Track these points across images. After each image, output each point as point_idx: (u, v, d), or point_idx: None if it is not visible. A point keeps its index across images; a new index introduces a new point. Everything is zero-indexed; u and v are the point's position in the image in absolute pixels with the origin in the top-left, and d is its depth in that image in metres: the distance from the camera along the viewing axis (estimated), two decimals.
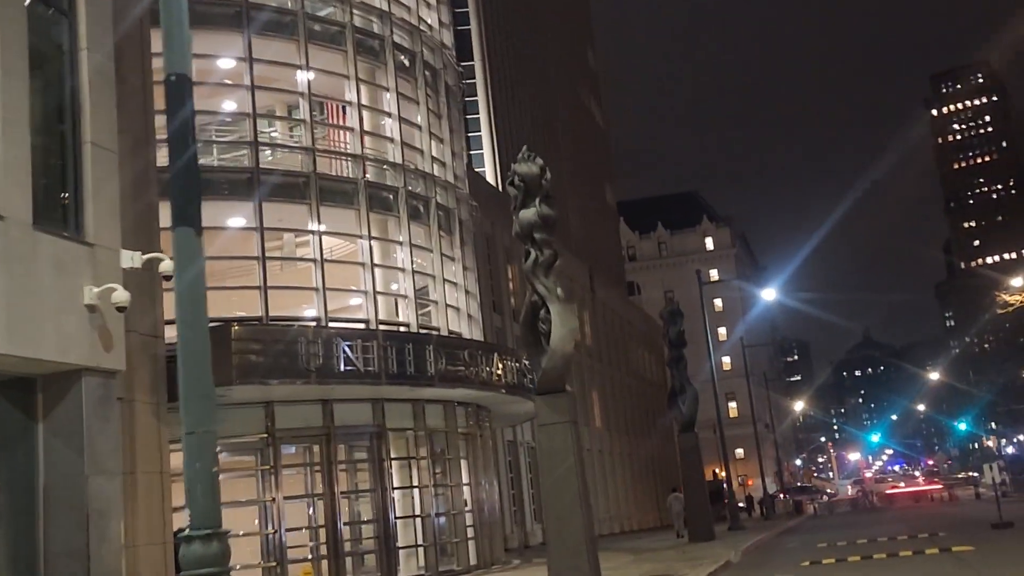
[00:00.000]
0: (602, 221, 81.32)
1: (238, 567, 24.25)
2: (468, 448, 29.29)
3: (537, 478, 48.85)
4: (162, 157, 23.91)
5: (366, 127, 28.42)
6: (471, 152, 54.66)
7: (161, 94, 25.20)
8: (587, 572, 18.49)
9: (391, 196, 27.92)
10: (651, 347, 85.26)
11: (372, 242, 27.38)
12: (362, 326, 25.20)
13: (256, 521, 24.39)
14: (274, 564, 23.50)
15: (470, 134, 54.04)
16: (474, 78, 55.49)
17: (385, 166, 28.22)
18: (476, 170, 53.70)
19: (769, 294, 64.58)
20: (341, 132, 28.24)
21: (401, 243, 27.89)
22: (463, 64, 57.27)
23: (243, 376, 21.37)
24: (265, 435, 23.82)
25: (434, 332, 27.23)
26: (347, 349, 22.81)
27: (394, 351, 23.93)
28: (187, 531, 22.53)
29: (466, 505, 28.51)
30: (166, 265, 16.02)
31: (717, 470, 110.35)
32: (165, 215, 23.48)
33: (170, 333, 22.50)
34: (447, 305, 28.98)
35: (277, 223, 26.47)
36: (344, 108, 27.99)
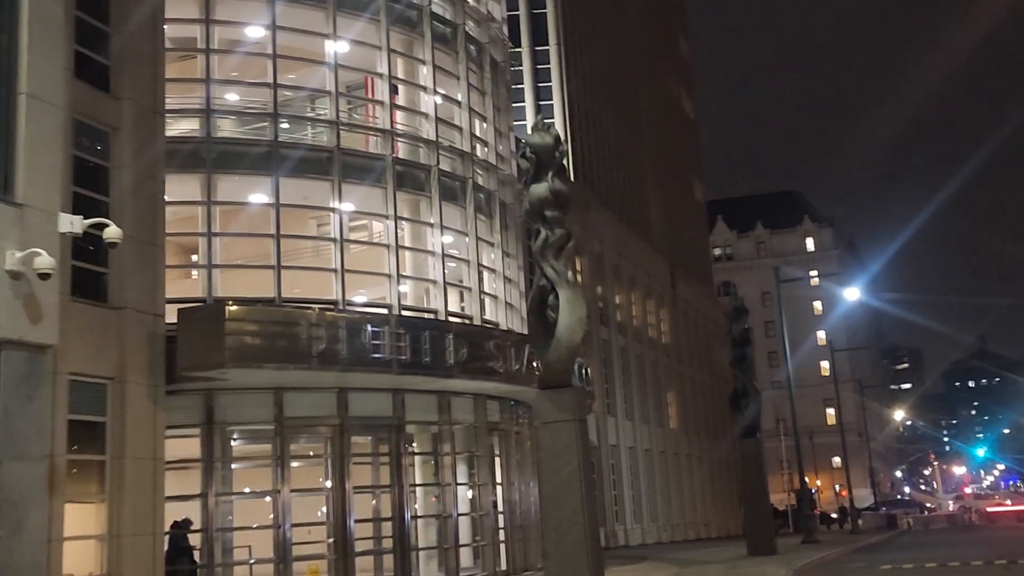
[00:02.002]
0: (688, 217, 78.51)
1: (252, 561, 23.15)
2: (501, 445, 27.50)
3: (600, 479, 46.96)
4: (172, 127, 22.89)
5: (400, 102, 26.88)
6: None
7: (174, 63, 24.25)
8: None
9: (423, 175, 26.30)
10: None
11: (402, 223, 25.88)
12: (377, 311, 23.61)
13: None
14: (276, 560, 22.14)
15: (545, 121, 52.30)
16: (549, 63, 53.60)
17: (419, 143, 26.62)
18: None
19: (852, 294, 61.10)
20: (372, 107, 26.71)
21: (432, 225, 26.24)
22: (539, 48, 55.63)
23: (237, 360, 20.01)
24: (273, 424, 22.46)
25: (457, 320, 25.47)
26: (354, 334, 21.24)
27: (409, 339, 22.28)
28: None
29: (496, 506, 26.73)
30: (112, 231, 14.62)
31: (807, 479, 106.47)
32: (172, 186, 22.58)
33: (171, 312, 21.51)
34: (481, 292, 27.22)
35: (302, 200, 25.14)
36: (374, 81, 26.45)
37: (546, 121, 18.52)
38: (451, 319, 25.50)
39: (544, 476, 17.51)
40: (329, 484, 23.05)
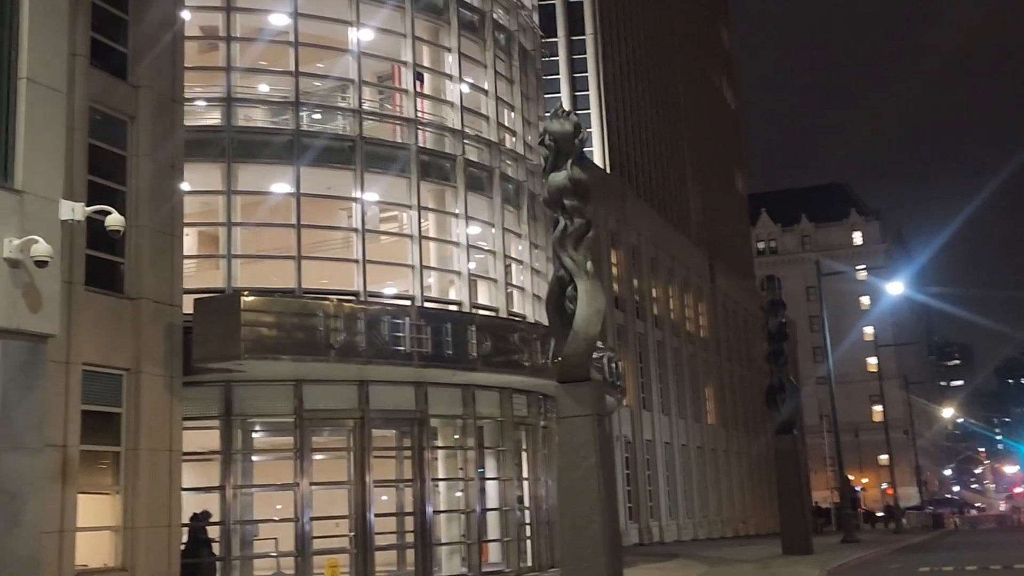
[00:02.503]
0: (729, 209, 77.40)
1: (274, 554, 22.92)
2: (528, 440, 27.02)
3: (635, 475, 46.34)
4: (190, 116, 22.65)
5: (426, 91, 26.50)
6: None
7: (193, 50, 24.01)
8: None
9: (449, 165, 25.88)
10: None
11: (426, 213, 25.51)
12: (398, 303, 23.21)
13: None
14: (295, 554, 21.87)
15: (579, 112, 51.57)
16: (585, 53, 52.94)
17: (444, 132, 26.20)
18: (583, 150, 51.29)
19: (895, 288, 59.76)
20: (398, 96, 26.32)
21: (457, 216, 25.81)
22: (574, 38, 55.00)
23: (252, 351, 19.71)
24: (293, 417, 22.18)
25: (482, 313, 25.01)
26: (373, 326, 20.87)
27: (430, 331, 21.84)
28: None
29: (521, 501, 26.26)
30: (114, 219, 14.34)
31: (852, 477, 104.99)
32: (192, 175, 22.37)
33: (188, 302, 21.30)
34: (508, 284, 26.76)
35: (326, 191, 24.84)
36: (401, 70, 26.06)
37: (564, 109, 17.91)
38: (476, 311, 25.06)
39: (561, 472, 17.07)
40: (349, 478, 22.68)
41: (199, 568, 21.82)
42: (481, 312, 25.14)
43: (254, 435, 23.29)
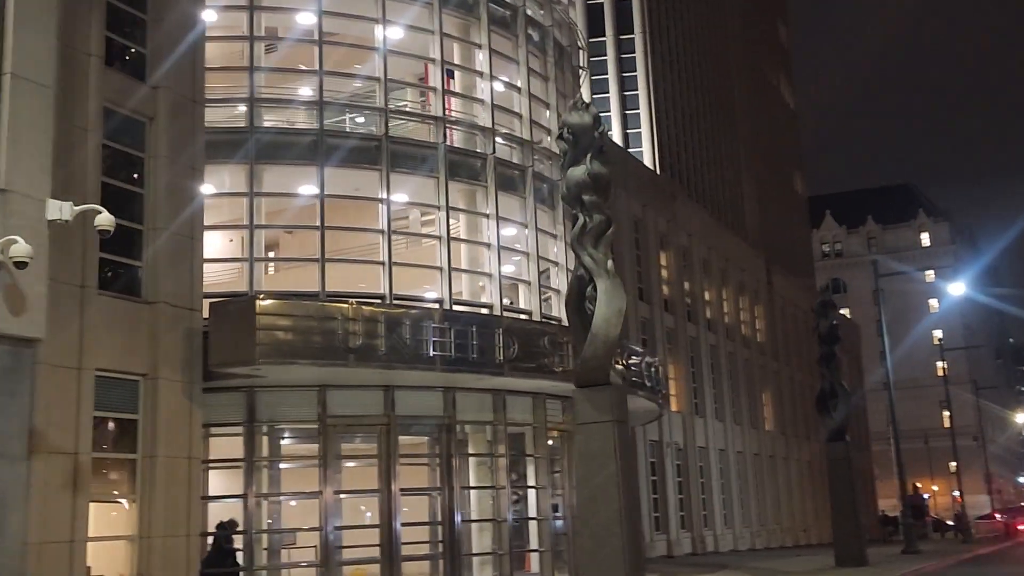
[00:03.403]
0: (788, 210, 75.65)
1: (306, 563, 22.43)
2: (563, 447, 26.19)
3: (687, 483, 45.19)
4: (211, 116, 22.27)
5: (456, 88, 25.88)
6: (627, 131, 51.23)
7: (215, 50, 23.65)
8: None
9: (479, 164, 25.22)
10: (844, 350, 78.88)
11: (455, 214, 24.91)
12: (423, 305, 22.58)
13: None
14: (320, 564, 21.34)
15: (628, 112, 50.64)
16: (634, 52, 51.92)
17: (474, 131, 25.55)
18: (632, 150, 50.28)
19: (957, 289, 57.71)
20: (428, 94, 25.73)
21: (488, 216, 25.13)
22: (623, 37, 54.04)
23: (269, 356, 19.22)
24: (316, 423, 21.66)
25: (510, 316, 24.26)
26: (394, 329, 20.25)
27: (454, 334, 21.16)
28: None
29: (556, 510, 25.43)
30: (103, 219, 13.90)
31: (920, 485, 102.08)
32: (211, 175, 21.99)
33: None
34: (541, 286, 25.99)
35: (354, 192, 24.34)
36: (428, 67, 25.48)
37: (584, 101, 17.12)
38: (506, 314, 24.33)
39: (580, 481, 16.29)
40: (377, 486, 22.08)
41: None
42: (509, 315, 24.38)
43: (279, 442, 22.81)
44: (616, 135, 50.94)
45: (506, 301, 26.76)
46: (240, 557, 21.45)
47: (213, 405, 21.24)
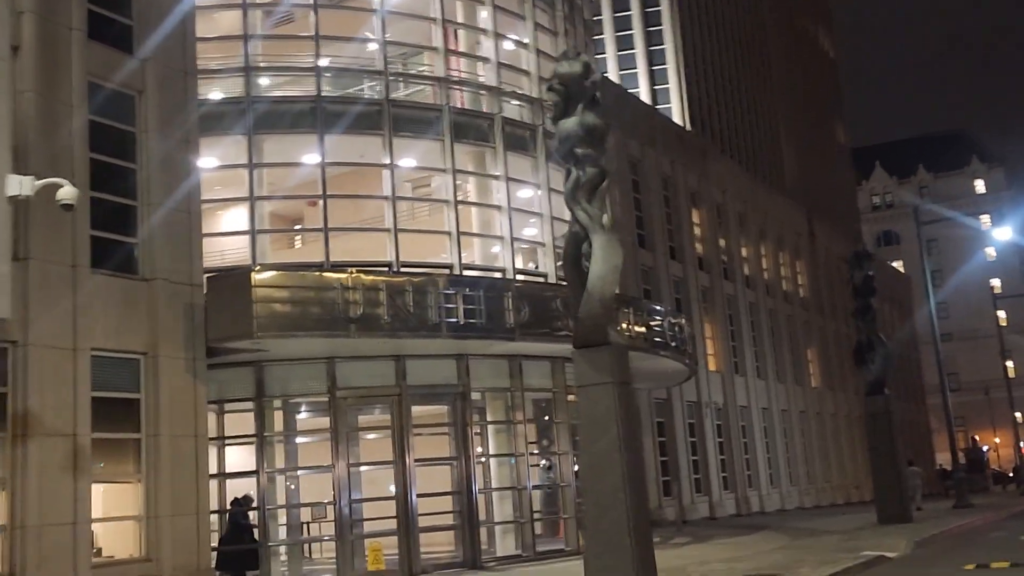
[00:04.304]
0: (830, 162, 73.84)
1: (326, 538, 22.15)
2: None
3: (728, 443, 44.37)
4: (204, 88, 21.81)
5: (461, 48, 25.19)
6: (655, 88, 50.08)
7: (206, 21, 23.12)
8: (630, 575, 14.57)
9: (486, 124, 24.51)
10: (895, 302, 77.20)
11: (463, 177, 24.32)
12: (427, 271, 21.98)
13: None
14: (336, 537, 21.03)
15: (655, 68, 49.43)
16: (659, 5, 50.61)
17: (480, 91, 24.83)
18: (660, 107, 49.18)
19: (1004, 234, 55.80)
20: (429, 56, 25.02)
21: (497, 178, 24.43)
22: None
23: (266, 329, 18.80)
24: (326, 396, 21.27)
25: (522, 279, 23.58)
26: (396, 297, 19.70)
27: (460, 300, 20.57)
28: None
29: (578, 476, 24.81)
30: (66, 192, 13.47)
31: (977, 436, 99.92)
32: (212, 147, 21.56)
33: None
34: (556, 248, 25.27)
35: (359, 158, 23.79)
36: (431, 27, 24.73)
37: (575, 51, 16.34)
38: (519, 278, 23.68)
39: (583, 446, 15.63)
40: (390, 458, 21.67)
41: (237, 555, 21.18)
42: (523, 279, 23.73)
43: (291, 416, 22.48)
44: (643, 92, 49.87)
45: (530, 265, 26.15)
46: (257, 533, 21.23)
47: (223, 381, 21.00)
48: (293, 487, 22.17)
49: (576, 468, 24.73)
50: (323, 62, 23.46)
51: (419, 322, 20.09)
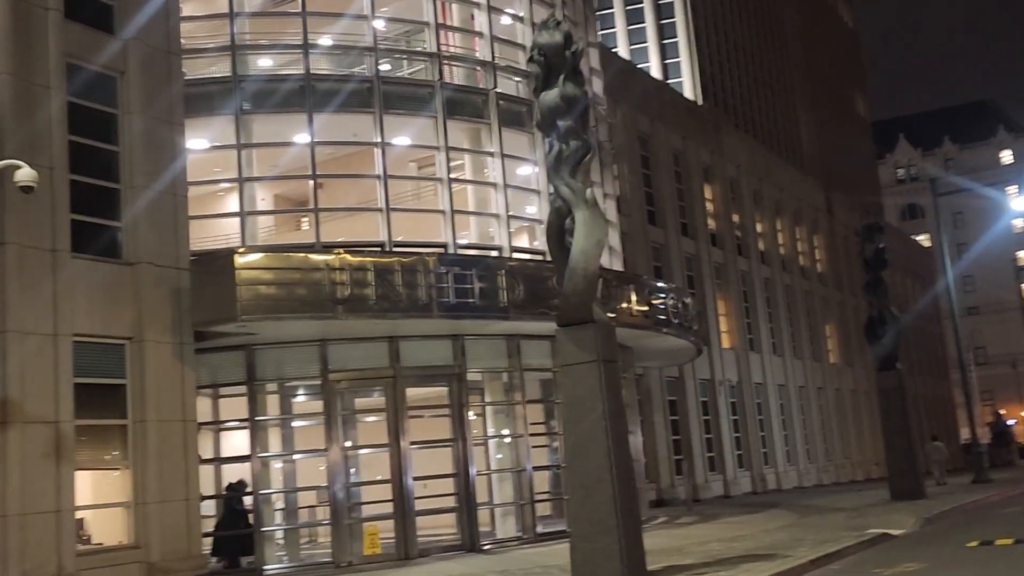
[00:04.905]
0: (849, 135, 72.68)
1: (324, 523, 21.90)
2: None
3: (744, 420, 43.84)
4: (189, 67, 21.46)
5: (455, 22, 24.70)
6: (666, 62, 49.33)
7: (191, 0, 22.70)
8: (616, 557, 14.19)
9: (480, 100, 24.03)
10: (917, 276, 76.20)
11: (460, 155, 23.87)
12: (417, 251, 21.54)
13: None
14: (332, 522, 20.79)
15: (666, 41, 48.66)
16: None
17: (475, 66, 24.35)
18: (671, 81, 48.44)
19: (1021, 203, 54.64)
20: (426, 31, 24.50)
21: (493, 155, 23.98)
22: None
23: (251, 311, 18.48)
24: (319, 379, 20.97)
25: (519, 258, 23.14)
26: (384, 278, 19.31)
27: (451, 279, 20.15)
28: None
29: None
30: (24, 173, 13.15)
31: (1003, 411, 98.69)
32: (190, 128, 21.19)
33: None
34: None
35: (352, 137, 23.38)
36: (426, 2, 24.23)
37: (555, 20, 15.83)
38: (515, 256, 23.26)
39: (566, 426, 15.24)
40: (385, 440, 21.36)
41: (231, 541, 20.99)
42: (518, 257, 23.30)
43: (286, 400, 22.20)
44: (655, 67, 49.13)
45: (536, 243, 25.70)
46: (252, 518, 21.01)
47: (217, 365, 20.76)
48: (290, 472, 21.87)
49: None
50: (321, 40, 23.11)
51: (409, 302, 19.70)
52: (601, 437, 14.57)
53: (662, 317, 25.56)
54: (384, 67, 23.75)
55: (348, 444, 21.38)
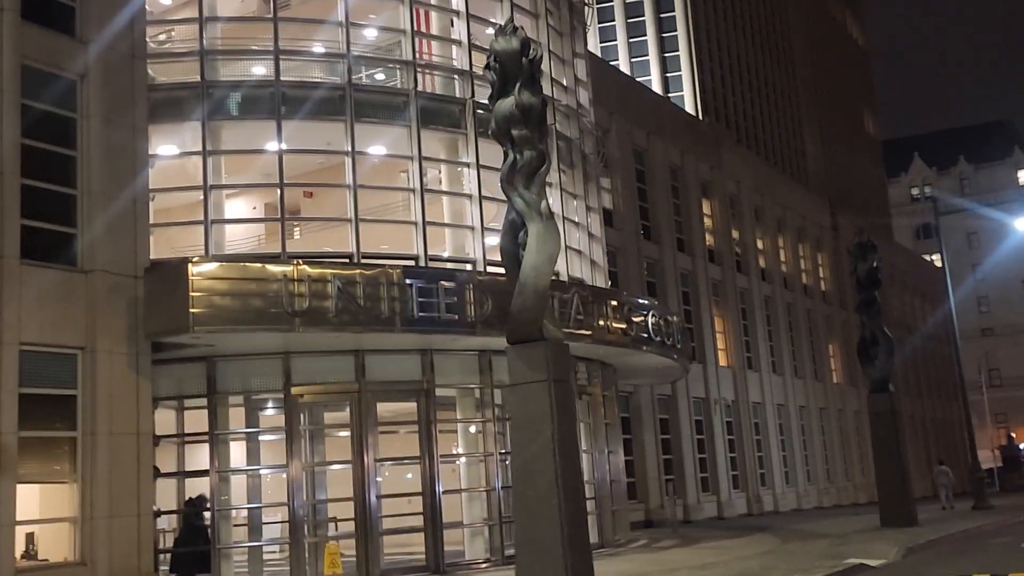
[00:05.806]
0: (857, 153, 71.86)
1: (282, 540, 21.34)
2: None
3: (740, 440, 43.02)
4: (162, 73, 21.06)
5: (434, 31, 24.25)
6: (667, 75, 48.78)
7: (158, 3, 22.31)
8: None
9: (457, 110, 23.52)
10: (927, 295, 75.16)
11: (438, 165, 23.40)
12: (381, 263, 20.94)
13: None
14: (290, 541, 20.22)
15: (667, 54, 48.13)
16: None
17: (452, 75, 23.86)
18: (672, 95, 47.87)
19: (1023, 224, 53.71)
20: (400, 39, 24.03)
21: (468, 165, 23.44)
22: None
23: (204, 323, 17.95)
24: (281, 392, 20.44)
25: (486, 272, 22.52)
26: (345, 291, 18.76)
27: (415, 292, 19.59)
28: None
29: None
30: None
31: (1014, 434, 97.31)
32: (159, 134, 20.78)
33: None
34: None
35: (325, 145, 22.87)
36: (399, 9, 23.76)
37: (513, 25, 15.31)
38: (489, 270, 22.66)
39: (514, 448, 14.65)
40: (348, 456, 20.78)
41: (189, 557, 20.43)
42: (491, 271, 22.70)
43: (252, 413, 21.71)
44: (654, 80, 48.57)
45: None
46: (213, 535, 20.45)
47: (181, 377, 20.29)
48: (254, 487, 21.34)
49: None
50: (294, 47, 22.66)
51: (371, 316, 19.15)
52: (549, 460, 13.96)
53: (643, 335, 24.93)
54: (359, 75, 23.32)
55: (310, 460, 20.81)
